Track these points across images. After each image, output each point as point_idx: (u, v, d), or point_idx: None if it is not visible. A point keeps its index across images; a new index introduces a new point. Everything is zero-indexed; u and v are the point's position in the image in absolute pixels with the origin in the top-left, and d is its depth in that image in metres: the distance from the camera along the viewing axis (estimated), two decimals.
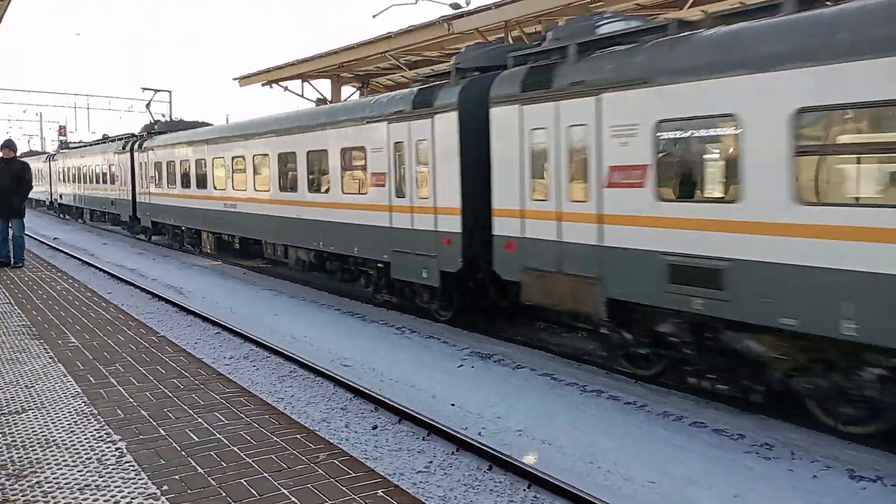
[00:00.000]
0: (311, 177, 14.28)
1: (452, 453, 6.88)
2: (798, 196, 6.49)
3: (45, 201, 43.77)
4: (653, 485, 6.30)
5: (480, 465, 6.57)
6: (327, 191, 13.74)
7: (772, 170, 6.67)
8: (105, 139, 33.04)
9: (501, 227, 9.86)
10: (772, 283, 6.70)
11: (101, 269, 18.97)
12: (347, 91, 24.69)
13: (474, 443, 6.89)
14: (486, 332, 11.34)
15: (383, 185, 12.00)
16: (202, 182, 19.72)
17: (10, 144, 13.33)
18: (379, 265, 12.65)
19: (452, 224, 10.64)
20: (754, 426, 7.45)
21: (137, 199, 25.32)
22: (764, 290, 6.77)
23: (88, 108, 49.53)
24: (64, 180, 37.80)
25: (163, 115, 33.19)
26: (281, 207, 15.37)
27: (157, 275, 18.45)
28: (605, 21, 9.31)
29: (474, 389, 8.78)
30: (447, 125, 10.65)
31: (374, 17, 19.25)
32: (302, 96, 24.40)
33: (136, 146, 25.35)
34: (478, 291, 11.34)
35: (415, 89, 11.75)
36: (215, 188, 18.88)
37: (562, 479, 6.06)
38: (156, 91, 32.64)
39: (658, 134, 7.69)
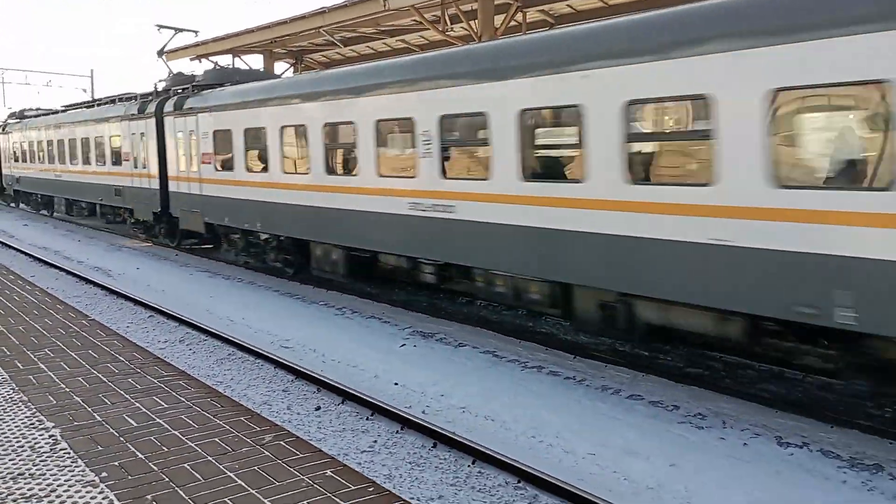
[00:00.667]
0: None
1: (397, 432, 6.89)
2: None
3: None
4: (593, 456, 6.46)
5: (425, 443, 6.61)
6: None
7: None
8: (92, 103, 24.63)
9: (172, 186, 16.52)
10: None
11: (22, 252, 18.15)
12: (281, 67, 24.15)
13: (418, 421, 6.91)
14: (428, 310, 11.36)
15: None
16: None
17: None
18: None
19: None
20: (688, 397, 7.72)
21: (171, 189, 17.20)
22: None
23: (3, 83, 46.97)
24: (24, 160, 29.02)
25: (84, 90, 31.29)
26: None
27: (84, 257, 17.78)
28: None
29: (417, 368, 8.80)
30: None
31: None
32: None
33: (165, 107, 17.21)
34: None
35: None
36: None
37: (505, 453, 6.15)
38: (177, 30, 19.86)
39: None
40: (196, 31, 21.09)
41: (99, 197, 21.38)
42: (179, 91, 17.30)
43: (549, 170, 8.73)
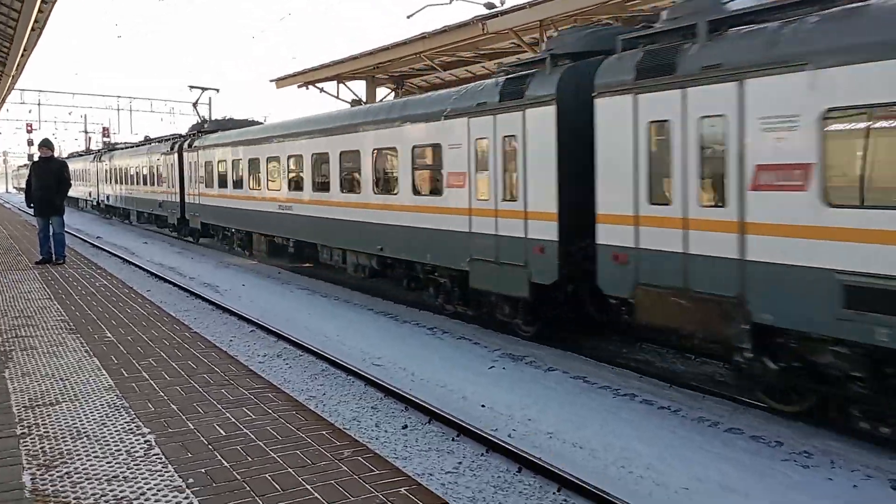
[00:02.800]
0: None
1: (482, 454, 6.81)
2: None
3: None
4: (686, 491, 6.15)
5: (510, 468, 6.49)
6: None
7: None
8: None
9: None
10: None
11: (140, 267, 19.34)
12: (382, 92, 24.79)
13: (504, 444, 6.81)
14: (517, 334, 11.23)
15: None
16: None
17: (47, 143, 13.67)
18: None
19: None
20: (793, 433, 7.24)
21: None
22: None
23: (131, 111, 50.62)
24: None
25: (203, 116, 33.39)
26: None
27: (196, 273, 18.74)
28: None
29: (505, 391, 8.70)
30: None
31: (408, 17, 19.16)
32: (337, 97, 24.55)
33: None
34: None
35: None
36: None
37: (593, 482, 5.95)
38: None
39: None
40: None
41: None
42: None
43: None
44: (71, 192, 38.63)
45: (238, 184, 19.96)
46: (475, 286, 10.90)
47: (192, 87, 25.14)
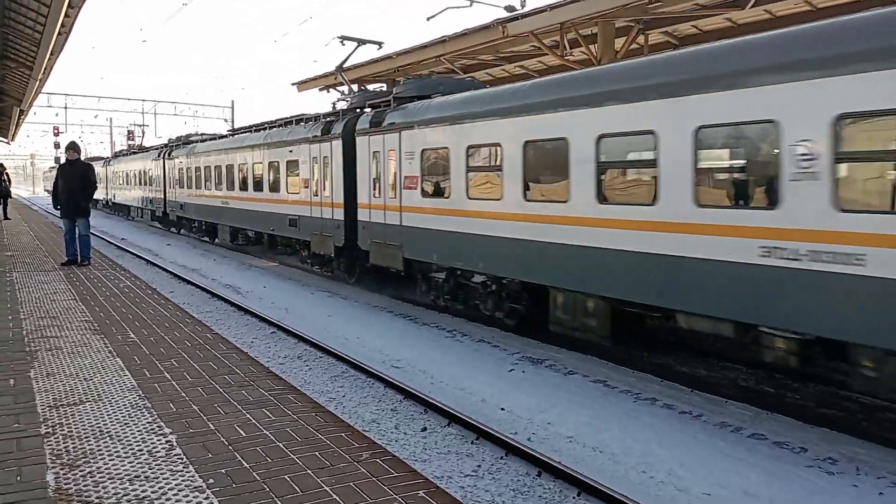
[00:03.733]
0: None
1: (501, 458, 6.79)
2: None
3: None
4: (708, 497, 6.08)
5: (529, 471, 6.46)
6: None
7: None
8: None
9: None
10: None
11: (164, 269, 19.55)
12: None
13: (524, 448, 6.78)
14: (538, 336, 11.19)
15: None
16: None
17: (74, 146, 13.87)
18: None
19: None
20: (818, 439, 7.13)
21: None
22: None
23: (155, 114, 51.21)
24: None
25: (225, 120, 34.21)
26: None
27: (218, 275, 18.90)
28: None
29: (525, 394, 8.67)
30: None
31: (428, 19, 19.14)
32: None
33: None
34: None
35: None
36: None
37: (613, 487, 5.90)
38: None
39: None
40: (380, 43, 18.77)
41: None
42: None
43: None
44: (119, 199, 37.91)
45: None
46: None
47: (343, 38, 18.07)
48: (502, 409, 8.23)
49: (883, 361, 6.53)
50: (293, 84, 26.60)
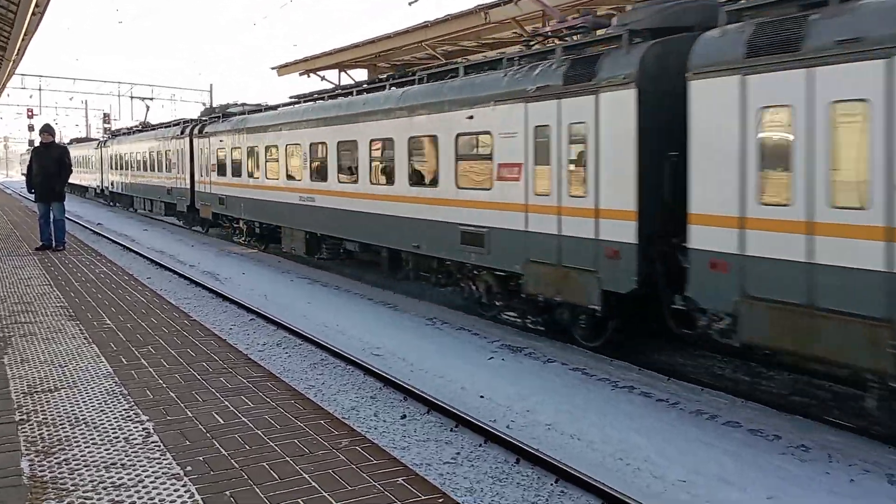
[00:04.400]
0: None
1: (480, 445, 6.82)
2: None
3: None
4: (684, 484, 6.16)
5: (508, 458, 6.50)
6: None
7: None
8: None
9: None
10: None
11: (141, 255, 19.34)
12: None
13: (502, 435, 6.82)
14: (516, 325, 11.23)
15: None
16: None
17: (48, 129, 13.65)
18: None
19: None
20: (791, 427, 7.24)
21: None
22: None
23: (132, 97, 50.45)
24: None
25: (203, 104, 33.00)
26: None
27: (196, 261, 18.73)
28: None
29: (504, 382, 8.70)
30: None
31: (410, 4, 19.00)
32: (339, 86, 24.50)
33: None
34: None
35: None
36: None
37: (590, 474, 5.95)
38: None
39: None
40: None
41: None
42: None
43: None
44: (121, 189, 32.76)
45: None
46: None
47: None
48: (482, 396, 8.27)
49: None
50: (273, 68, 26.36)
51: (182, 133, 24.67)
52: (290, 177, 16.78)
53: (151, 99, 37.51)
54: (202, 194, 22.84)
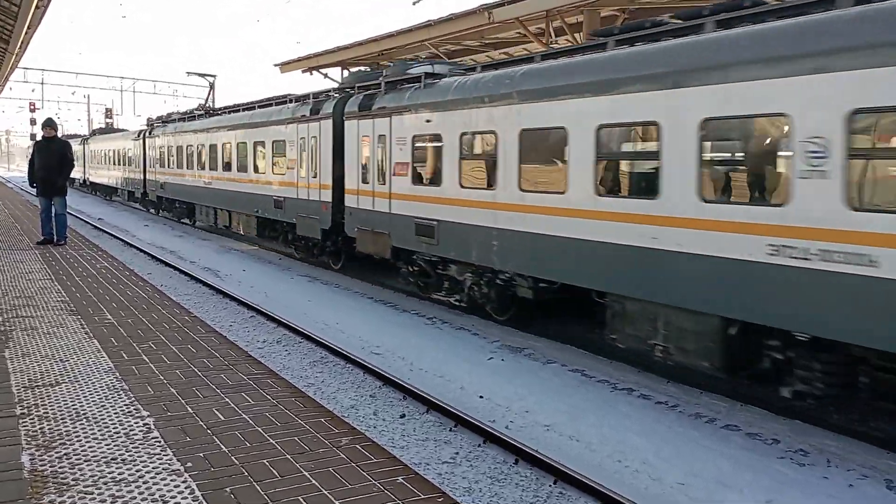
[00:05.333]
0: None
1: (479, 445, 6.83)
2: None
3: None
4: (682, 486, 6.17)
5: (507, 459, 6.51)
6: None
7: None
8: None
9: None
10: None
11: (141, 250, 19.34)
12: None
13: (501, 436, 6.82)
14: (517, 325, 11.24)
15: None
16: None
17: (51, 123, 13.65)
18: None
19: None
20: (790, 431, 7.26)
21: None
22: None
23: (134, 92, 50.49)
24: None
25: (206, 100, 33.33)
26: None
27: (196, 258, 18.74)
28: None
29: (503, 382, 8.71)
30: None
31: (414, 3, 18.87)
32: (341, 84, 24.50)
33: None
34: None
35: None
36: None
37: (589, 475, 5.96)
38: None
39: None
40: (214, 76, 30.72)
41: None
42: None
43: None
44: (174, 193, 30.13)
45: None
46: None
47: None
48: (481, 396, 8.27)
49: None
50: (276, 65, 26.38)
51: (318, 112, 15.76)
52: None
53: (214, 76, 34.96)
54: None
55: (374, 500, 3.63)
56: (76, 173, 44.30)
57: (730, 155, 7.95)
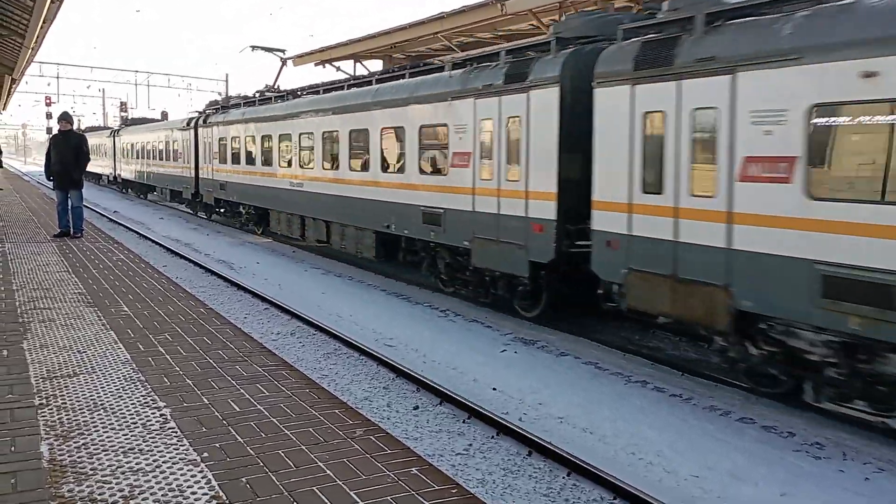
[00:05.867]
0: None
1: (492, 437, 6.84)
2: None
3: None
4: (696, 479, 6.16)
5: (520, 451, 6.52)
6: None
7: None
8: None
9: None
10: None
11: (157, 243, 19.48)
12: None
13: (515, 428, 6.83)
14: (530, 318, 11.23)
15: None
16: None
17: (66, 117, 13.75)
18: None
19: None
20: (805, 424, 7.22)
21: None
22: None
23: (149, 86, 50.75)
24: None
25: (219, 94, 33.14)
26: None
27: (211, 250, 18.85)
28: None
29: (516, 375, 8.72)
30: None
31: None
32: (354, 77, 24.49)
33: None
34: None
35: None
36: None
37: (602, 468, 5.96)
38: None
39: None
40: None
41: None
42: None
43: None
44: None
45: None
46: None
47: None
48: (494, 388, 8.29)
49: None
50: (289, 58, 26.38)
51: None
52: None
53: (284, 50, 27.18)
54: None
55: (389, 490, 3.65)
56: (104, 169, 43.12)
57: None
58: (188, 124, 25.79)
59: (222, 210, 24.10)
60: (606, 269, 8.78)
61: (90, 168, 34.40)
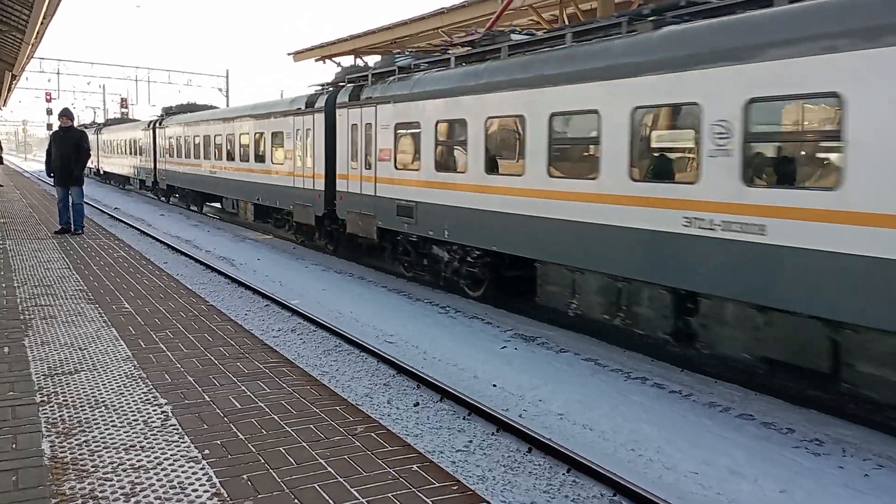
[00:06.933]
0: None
1: (493, 434, 6.86)
2: None
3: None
4: (696, 475, 6.17)
5: (520, 447, 6.53)
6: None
7: None
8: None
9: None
10: None
11: (157, 240, 19.49)
12: None
13: (515, 424, 6.85)
14: (531, 314, 11.25)
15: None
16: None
17: (67, 113, 13.76)
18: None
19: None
20: (805, 420, 7.23)
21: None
22: None
23: (149, 82, 50.72)
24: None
25: (220, 90, 34.06)
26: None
27: (212, 247, 18.87)
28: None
29: (517, 371, 8.74)
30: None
31: None
32: None
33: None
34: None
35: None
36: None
37: (602, 464, 5.98)
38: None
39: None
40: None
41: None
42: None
43: None
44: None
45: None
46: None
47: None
48: (494, 385, 8.30)
49: None
50: (289, 54, 26.39)
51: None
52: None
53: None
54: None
55: (389, 487, 3.67)
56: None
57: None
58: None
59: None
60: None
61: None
